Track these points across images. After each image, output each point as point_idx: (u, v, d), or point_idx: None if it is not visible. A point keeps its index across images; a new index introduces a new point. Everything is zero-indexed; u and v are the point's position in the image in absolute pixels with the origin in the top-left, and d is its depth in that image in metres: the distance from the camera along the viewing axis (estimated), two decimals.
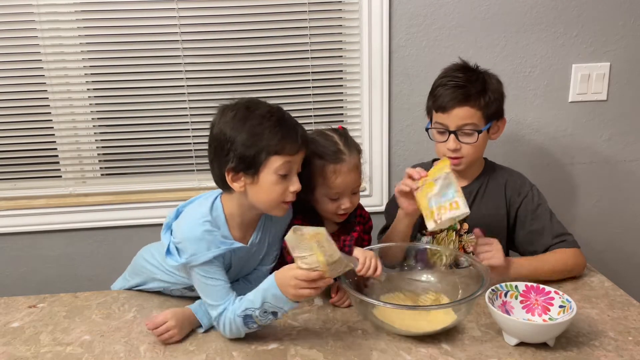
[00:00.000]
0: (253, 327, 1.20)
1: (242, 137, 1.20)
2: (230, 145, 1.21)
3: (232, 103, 1.27)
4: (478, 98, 1.49)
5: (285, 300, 1.15)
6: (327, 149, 1.36)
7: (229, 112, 1.24)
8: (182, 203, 1.36)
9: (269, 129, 1.20)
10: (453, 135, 1.50)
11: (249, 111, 1.23)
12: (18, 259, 2.02)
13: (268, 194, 1.24)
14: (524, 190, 1.58)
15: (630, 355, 1.14)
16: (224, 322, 1.21)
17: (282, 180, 1.23)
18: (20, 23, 1.84)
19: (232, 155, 1.21)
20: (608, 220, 2.13)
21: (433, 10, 1.89)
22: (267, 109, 1.24)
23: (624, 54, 1.96)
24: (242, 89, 1.93)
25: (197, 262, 1.23)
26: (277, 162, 1.22)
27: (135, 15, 1.85)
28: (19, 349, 1.22)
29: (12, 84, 1.88)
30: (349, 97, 1.98)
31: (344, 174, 1.35)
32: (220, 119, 1.25)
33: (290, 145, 1.22)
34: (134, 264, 1.52)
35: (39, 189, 1.98)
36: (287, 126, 1.23)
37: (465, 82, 1.49)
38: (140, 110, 1.94)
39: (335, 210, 1.39)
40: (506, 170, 1.65)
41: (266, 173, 1.22)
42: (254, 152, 1.20)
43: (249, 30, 1.89)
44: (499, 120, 1.57)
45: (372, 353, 1.17)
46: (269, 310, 1.17)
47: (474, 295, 1.19)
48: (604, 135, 2.04)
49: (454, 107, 1.48)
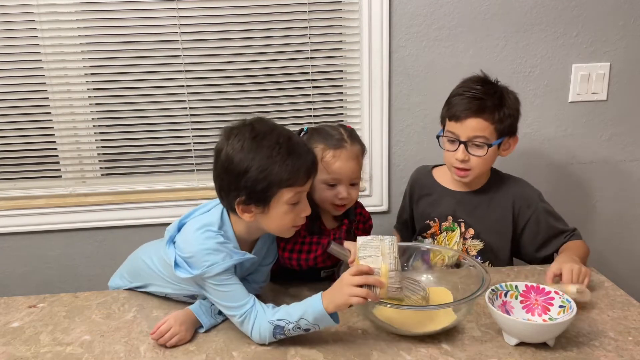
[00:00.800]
0: (279, 338, 1.20)
1: (251, 172, 1.17)
2: (239, 178, 1.19)
3: (237, 126, 1.23)
4: (493, 112, 1.49)
5: (324, 318, 1.15)
6: (331, 136, 1.38)
7: (235, 139, 1.20)
8: (183, 215, 1.34)
9: (278, 163, 1.17)
10: (463, 146, 1.50)
11: (256, 141, 1.19)
12: (18, 259, 2.02)
13: (279, 222, 1.25)
14: (533, 203, 1.59)
15: (630, 355, 1.14)
16: (252, 324, 1.20)
17: (293, 208, 1.23)
18: (20, 23, 1.84)
19: (242, 188, 1.19)
20: (608, 220, 2.13)
21: (433, 10, 1.89)
22: (275, 139, 1.19)
23: (624, 54, 1.96)
24: (242, 89, 1.93)
25: (212, 273, 1.21)
26: (287, 195, 1.20)
27: (135, 15, 1.85)
28: (19, 349, 1.22)
29: (12, 84, 1.88)
30: (349, 97, 1.98)
31: (343, 159, 1.36)
32: (226, 145, 1.21)
33: (301, 176, 1.21)
34: (134, 266, 1.50)
35: (39, 189, 1.98)
36: (297, 156, 1.20)
37: (483, 95, 1.50)
38: (140, 110, 1.94)
39: (332, 200, 1.38)
40: (511, 179, 1.65)
41: (277, 204, 1.21)
42: (264, 186, 1.18)
43: (249, 30, 1.89)
44: (511, 137, 1.57)
45: (372, 353, 1.17)
46: (303, 327, 1.16)
47: (474, 295, 1.19)
48: (604, 135, 2.04)
49: (467, 117, 1.49)
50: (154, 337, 1.21)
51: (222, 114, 1.95)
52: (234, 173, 1.19)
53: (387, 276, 1.13)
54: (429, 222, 1.66)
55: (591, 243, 2.14)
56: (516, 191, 1.61)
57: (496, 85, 1.56)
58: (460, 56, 1.93)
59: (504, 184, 1.63)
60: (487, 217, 1.61)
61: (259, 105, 1.94)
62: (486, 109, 1.48)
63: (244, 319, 1.21)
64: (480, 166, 1.53)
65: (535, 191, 1.63)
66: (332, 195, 1.38)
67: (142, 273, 1.44)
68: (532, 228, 1.60)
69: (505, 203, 1.60)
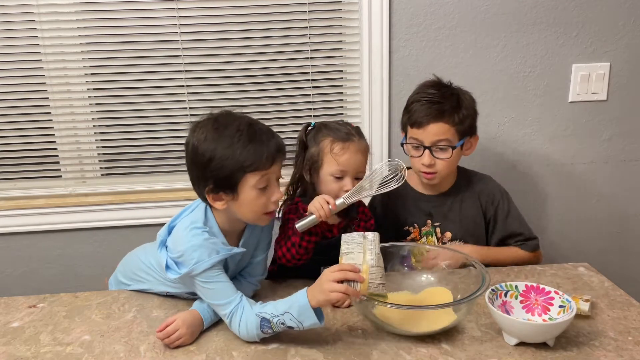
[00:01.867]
0: (268, 332, 1.19)
1: (215, 160, 1.21)
2: (205, 168, 1.23)
3: (202, 120, 1.28)
4: (452, 114, 1.52)
5: (308, 313, 1.15)
6: (339, 130, 1.43)
7: (200, 131, 1.25)
8: (171, 218, 1.35)
9: (239, 149, 1.21)
10: (428, 151, 1.53)
11: (218, 132, 1.23)
12: (18, 259, 2.02)
13: (250, 208, 1.27)
14: (496, 198, 1.64)
15: (630, 355, 1.14)
16: (239, 319, 1.20)
17: (262, 193, 1.26)
18: (20, 23, 1.84)
19: (209, 177, 1.23)
20: (608, 220, 2.13)
21: (433, 10, 1.89)
22: (235, 127, 1.23)
23: (624, 54, 1.96)
24: (242, 88, 1.93)
25: (199, 270, 1.22)
26: (253, 179, 1.23)
27: (135, 15, 1.85)
28: (19, 349, 1.22)
29: (12, 84, 1.88)
30: (349, 97, 1.98)
31: (351, 152, 1.40)
32: (191, 138, 1.26)
33: (264, 161, 1.23)
34: (131, 269, 1.49)
35: (39, 189, 1.99)
36: (259, 141, 1.23)
37: (440, 99, 1.53)
38: (140, 110, 1.94)
39: (337, 192, 1.40)
40: (477, 176, 1.68)
41: (245, 190, 1.24)
42: (228, 172, 1.22)
43: (249, 31, 1.89)
44: (472, 136, 1.60)
45: (372, 353, 1.17)
46: (287, 322, 1.16)
47: (474, 295, 1.19)
48: (604, 135, 2.04)
49: (429, 122, 1.51)
50: (159, 335, 1.21)
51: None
52: (200, 163, 1.23)
53: (368, 272, 1.14)
54: (408, 228, 1.66)
55: (591, 243, 2.15)
56: (481, 188, 1.65)
57: (451, 88, 1.58)
58: (460, 56, 1.93)
59: (471, 182, 1.66)
60: (462, 218, 1.63)
61: (259, 105, 1.94)
62: (445, 112, 1.51)
63: (232, 316, 1.22)
64: (446, 168, 1.56)
65: (499, 188, 1.66)
66: (338, 187, 1.41)
67: (141, 275, 1.45)
68: (492, 225, 1.65)
69: (473, 202, 1.64)
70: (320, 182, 1.43)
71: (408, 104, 1.59)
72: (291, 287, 1.44)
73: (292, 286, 1.44)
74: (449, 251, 1.44)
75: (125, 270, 1.52)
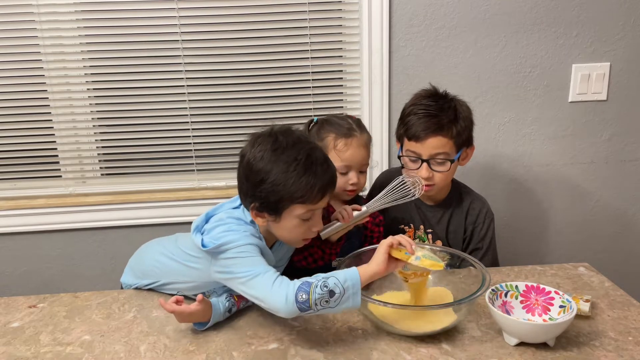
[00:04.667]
0: (302, 299, 1.12)
1: (266, 183, 1.20)
2: (255, 187, 1.22)
3: (263, 134, 1.26)
4: (450, 127, 1.50)
5: (355, 279, 1.12)
6: (341, 126, 1.48)
7: (257, 147, 1.23)
8: (211, 208, 1.35)
9: (293, 179, 1.19)
10: (426, 164, 1.51)
11: (276, 154, 1.21)
12: (18, 259, 2.02)
13: (289, 233, 1.27)
14: (479, 221, 1.62)
15: (630, 355, 1.14)
16: (274, 279, 1.15)
17: (304, 222, 1.25)
18: (20, 23, 1.84)
19: (257, 196, 1.22)
20: (608, 220, 2.13)
21: (433, 10, 1.89)
22: (295, 154, 1.20)
23: (624, 54, 1.96)
24: (242, 88, 1.93)
25: (238, 244, 1.21)
26: (299, 210, 1.22)
27: (135, 15, 1.86)
28: (19, 349, 1.22)
29: (12, 84, 1.88)
30: (349, 97, 1.98)
31: (354, 147, 1.45)
32: (249, 152, 1.24)
33: (314, 195, 1.21)
34: (144, 263, 1.49)
35: (39, 189, 1.99)
36: (313, 174, 1.21)
37: (437, 111, 1.50)
38: (140, 110, 1.94)
39: (344, 186, 1.46)
40: (470, 195, 1.66)
41: (288, 217, 1.24)
42: (276, 199, 1.21)
43: (249, 31, 1.89)
44: (468, 147, 1.58)
45: (372, 353, 1.17)
46: (330, 285, 1.11)
47: (474, 295, 1.18)
48: (604, 135, 2.04)
49: (427, 136, 1.49)
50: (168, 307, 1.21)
51: (222, 114, 1.95)
52: (252, 180, 1.23)
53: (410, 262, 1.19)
54: (403, 226, 1.65)
55: (591, 243, 2.15)
56: (470, 208, 1.62)
57: (448, 99, 1.55)
58: (460, 56, 1.93)
59: (462, 199, 1.64)
60: (448, 232, 1.63)
61: (259, 105, 1.95)
62: (444, 126, 1.49)
63: (264, 277, 1.16)
64: (443, 180, 1.55)
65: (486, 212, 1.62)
66: (344, 181, 1.46)
67: (154, 269, 1.44)
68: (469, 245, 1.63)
69: (459, 220, 1.63)
70: None
71: (404, 115, 1.56)
72: None
73: None
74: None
75: (138, 265, 1.51)
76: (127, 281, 1.51)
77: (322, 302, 1.12)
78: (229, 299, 1.31)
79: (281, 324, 1.29)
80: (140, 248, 1.56)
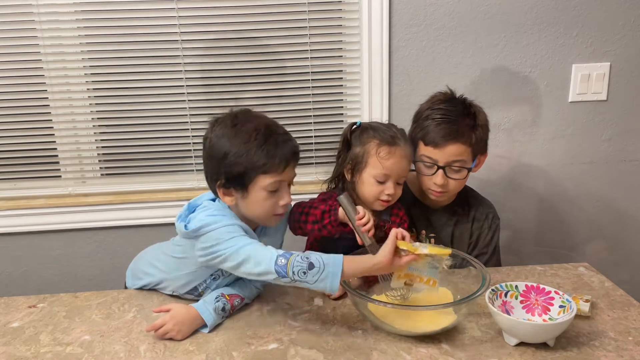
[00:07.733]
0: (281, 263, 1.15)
1: (229, 157, 1.23)
2: (219, 163, 1.24)
3: (222, 116, 1.29)
4: (470, 134, 1.47)
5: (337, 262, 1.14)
6: (386, 133, 1.41)
7: (218, 127, 1.27)
8: (192, 200, 1.36)
9: (254, 149, 1.22)
10: (442, 171, 1.47)
11: (235, 129, 1.25)
12: (18, 259, 2.02)
13: (258, 208, 1.28)
14: (485, 227, 1.60)
15: (630, 355, 1.14)
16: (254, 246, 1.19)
17: (272, 195, 1.27)
18: (20, 23, 1.84)
19: (222, 172, 1.25)
20: (608, 220, 2.13)
21: (433, 10, 1.89)
22: (254, 126, 1.24)
23: (624, 54, 1.96)
24: (242, 89, 1.93)
25: (221, 225, 1.23)
26: (265, 181, 1.24)
27: (135, 15, 1.86)
28: (19, 349, 1.22)
29: (12, 84, 1.88)
30: (348, 97, 1.98)
31: (397, 157, 1.39)
32: (210, 133, 1.28)
33: (277, 164, 1.24)
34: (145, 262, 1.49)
35: (38, 189, 1.99)
36: (274, 143, 1.24)
37: (456, 117, 1.47)
38: (140, 110, 1.94)
39: (378, 195, 1.40)
40: (477, 199, 1.64)
41: (255, 190, 1.25)
42: (241, 170, 1.23)
43: (248, 31, 1.89)
44: (482, 154, 1.55)
45: (372, 353, 1.17)
46: (311, 258, 1.15)
47: (474, 295, 1.18)
48: (604, 135, 2.04)
49: (446, 143, 1.45)
50: (147, 329, 1.24)
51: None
52: (215, 158, 1.25)
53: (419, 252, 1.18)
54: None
55: (591, 243, 2.15)
56: (477, 215, 1.61)
57: (466, 104, 1.51)
58: (460, 56, 1.93)
59: (470, 205, 1.62)
60: (453, 236, 1.60)
61: (259, 105, 1.94)
62: (464, 133, 1.45)
63: (249, 246, 1.19)
64: (457, 188, 1.52)
65: (493, 219, 1.61)
66: (379, 191, 1.40)
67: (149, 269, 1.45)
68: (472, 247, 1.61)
69: (466, 227, 1.61)
70: (362, 183, 1.41)
71: (420, 118, 1.50)
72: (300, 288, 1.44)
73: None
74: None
75: (137, 266, 1.52)
76: (128, 284, 1.53)
77: (300, 273, 1.15)
78: (219, 299, 1.30)
79: (281, 324, 1.29)
80: (139, 254, 1.57)
